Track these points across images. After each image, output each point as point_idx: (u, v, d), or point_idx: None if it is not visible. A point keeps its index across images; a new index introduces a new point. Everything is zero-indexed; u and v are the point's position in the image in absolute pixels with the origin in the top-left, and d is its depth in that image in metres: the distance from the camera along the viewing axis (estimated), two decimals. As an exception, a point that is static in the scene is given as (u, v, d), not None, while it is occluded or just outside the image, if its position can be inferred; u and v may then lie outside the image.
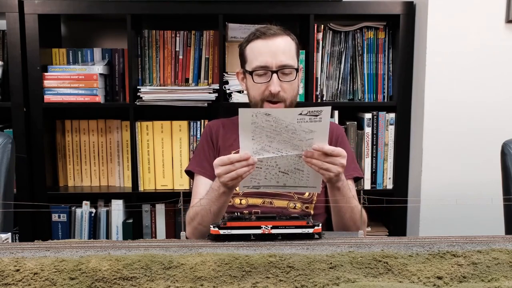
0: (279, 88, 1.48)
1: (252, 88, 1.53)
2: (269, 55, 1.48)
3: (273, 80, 1.48)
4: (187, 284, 0.95)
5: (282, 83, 1.49)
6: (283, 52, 1.49)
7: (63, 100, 2.15)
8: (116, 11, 2.12)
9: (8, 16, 2.06)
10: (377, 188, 2.25)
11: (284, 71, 1.49)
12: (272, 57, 1.48)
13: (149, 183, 2.23)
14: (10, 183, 1.63)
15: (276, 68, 1.48)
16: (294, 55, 1.53)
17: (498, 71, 2.05)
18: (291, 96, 1.52)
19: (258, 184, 1.29)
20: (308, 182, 1.29)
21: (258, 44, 1.51)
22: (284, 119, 1.19)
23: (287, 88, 1.50)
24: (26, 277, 0.95)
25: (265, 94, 1.50)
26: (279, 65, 1.48)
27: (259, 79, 1.50)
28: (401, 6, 2.13)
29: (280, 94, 1.49)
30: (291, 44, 1.53)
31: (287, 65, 1.48)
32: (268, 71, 1.48)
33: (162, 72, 2.24)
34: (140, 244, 1.09)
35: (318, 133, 1.22)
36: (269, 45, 1.49)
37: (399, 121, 2.20)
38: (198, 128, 2.22)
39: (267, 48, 1.49)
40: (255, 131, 1.21)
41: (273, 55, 1.48)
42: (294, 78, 1.50)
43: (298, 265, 0.99)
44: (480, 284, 0.96)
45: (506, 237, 1.12)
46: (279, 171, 1.26)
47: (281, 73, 1.48)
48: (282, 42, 1.51)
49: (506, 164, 1.63)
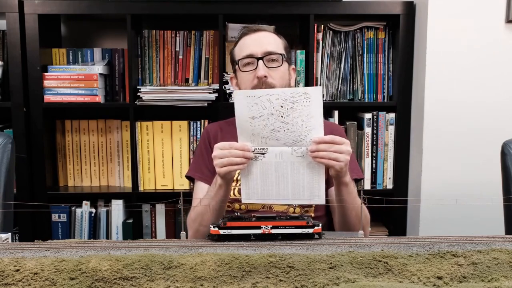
0: (265, 73, 1.49)
1: (242, 80, 1.56)
2: (254, 45, 1.52)
3: (259, 66, 1.50)
4: (187, 284, 0.95)
5: (269, 70, 1.50)
6: (268, 42, 1.53)
7: (63, 100, 2.15)
8: (116, 11, 2.12)
9: (8, 16, 2.06)
10: (377, 188, 2.25)
11: (271, 57, 1.51)
12: (257, 46, 1.51)
13: (149, 183, 2.23)
14: (10, 183, 1.63)
15: (261, 55, 1.50)
16: (280, 46, 1.56)
17: (498, 71, 2.05)
18: (280, 84, 1.52)
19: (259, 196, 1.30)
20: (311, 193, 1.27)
21: (245, 39, 1.56)
22: (275, 101, 1.21)
23: (275, 75, 1.51)
24: (26, 277, 0.95)
25: (253, 83, 1.51)
26: (264, 51, 1.50)
27: (246, 68, 1.53)
28: (401, 6, 2.13)
29: (268, 81, 1.49)
30: (277, 38, 1.58)
31: (272, 52, 1.51)
32: (254, 59, 1.51)
33: (162, 72, 2.24)
34: (140, 244, 1.09)
35: (313, 118, 1.22)
36: (254, 37, 1.54)
37: (399, 121, 2.20)
38: (198, 128, 2.22)
39: (252, 40, 1.54)
40: (252, 121, 1.23)
41: (258, 44, 1.52)
42: (280, 64, 1.52)
43: (298, 265, 0.99)
44: (480, 284, 0.96)
45: (506, 237, 1.12)
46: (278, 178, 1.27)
47: (267, 60, 1.50)
48: (268, 34, 1.56)
49: (506, 164, 1.63)
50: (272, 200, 1.34)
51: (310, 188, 1.26)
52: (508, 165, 1.62)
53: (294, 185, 1.26)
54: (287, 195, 1.27)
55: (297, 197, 1.27)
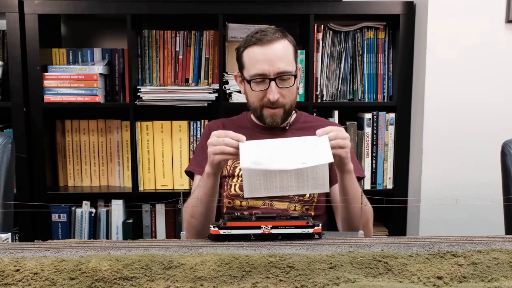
0: (278, 96, 1.47)
1: (251, 95, 1.53)
2: (266, 63, 1.46)
3: (271, 88, 1.47)
4: (187, 284, 0.95)
5: (281, 90, 1.48)
6: (281, 59, 1.46)
7: (63, 100, 2.15)
8: (116, 11, 2.12)
9: (8, 16, 2.06)
10: (377, 188, 2.25)
11: (282, 77, 1.47)
12: (270, 64, 1.46)
13: (149, 183, 2.23)
14: (10, 183, 1.63)
15: (274, 76, 1.46)
16: (292, 59, 1.51)
17: (498, 71, 2.05)
18: (290, 101, 1.52)
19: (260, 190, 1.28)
20: (315, 182, 1.26)
21: (255, 50, 1.48)
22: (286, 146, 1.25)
23: (286, 94, 1.50)
24: (26, 277, 0.95)
25: (264, 101, 1.50)
26: (276, 73, 1.46)
27: (257, 87, 1.49)
28: (401, 6, 2.13)
29: (279, 101, 1.49)
30: (288, 47, 1.51)
31: (285, 72, 1.47)
32: (266, 79, 1.47)
33: (162, 72, 2.24)
34: (140, 244, 1.09)
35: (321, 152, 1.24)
36: (266, 52, 1.46)
37: (399, 121, 2.20)
38: (198, 128, 2.22)
39: (264, 56, 1.46)
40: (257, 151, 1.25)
41: (270, 62, 1.46)
42: (292, 84, 1.49)
43: (298, 265, 0.99)
44: (480, 284, 0.96)
45: (506, 237, 1.12)
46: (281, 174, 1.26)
47: (279, 80, 1.47)
48: (280, 47, 1.47)
49: (506, 164, 1.63)
50: (276, 192, 1.31)
51: (314, 177, 1.25)
52: (508, 165, 1.62)
53: (297, 175, 1.25)
54: (291, 187, 1.26)
55: (301, 187, 1.25)
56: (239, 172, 1.52)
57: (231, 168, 1.55)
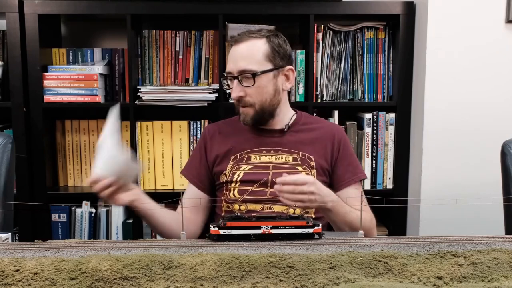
0: (238, 94, 1.50)
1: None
2: (232, 62, 1.51)
3: (233, 86, 1.52)
4: (187, 284, 0.95)
5: (246, 88, 1.49)
6: (244, 58, 1.49)
7: (63, 100, 2.15)
8: (116, 11, 2.12)
9: (8, 16, 2.06)
10: (377, 188, 2.25)
11: (245, 76, 1.49)
12: (234, 63, 1.50)
13: (149, 183, 2.23)
14: (10, 183, 1.63)
15: (237, 74, 1.50)
16: (259, 58, 1.49)
17: (498, 71, 2.05)
18: (259, 101, 1.51)
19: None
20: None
21: (231, 50, 1.54)
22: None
23: (252, 92, 1.50)
24: (26, 277, 0.95)
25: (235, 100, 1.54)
26: (238, 71, 1.49)
27: (229, 85, 1.55)
28: (401, 6, 2.13)
29: (245, 99, 1.51)
30: (261, 47, 1.50)
31: (246, 70, 1.48)
32: (233, 77, 1.52)
33: (162, 72, 2.24)
34: (140, 244, 1.09)
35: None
36: (234, 51, 1.52)
37: (399, 121, 2.20)
38: (198, 128, 2.22)
39: (232, 55, 1.52)
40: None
41: (235, 61, 1.50)
42: (253, 83, 1.48)
43: (298, 265, 0.99)
44: (480, 284, 0.96)
45: (506, 237, 1.12)
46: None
47: (243, 78, 1.49)
48: (246, 47, 1.50)
49: (506, 164, 1.63)
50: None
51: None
52: (508, 165, 1.62)
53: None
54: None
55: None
56: (237, 178, 1.53)
57: (229, 174, 1.55)
